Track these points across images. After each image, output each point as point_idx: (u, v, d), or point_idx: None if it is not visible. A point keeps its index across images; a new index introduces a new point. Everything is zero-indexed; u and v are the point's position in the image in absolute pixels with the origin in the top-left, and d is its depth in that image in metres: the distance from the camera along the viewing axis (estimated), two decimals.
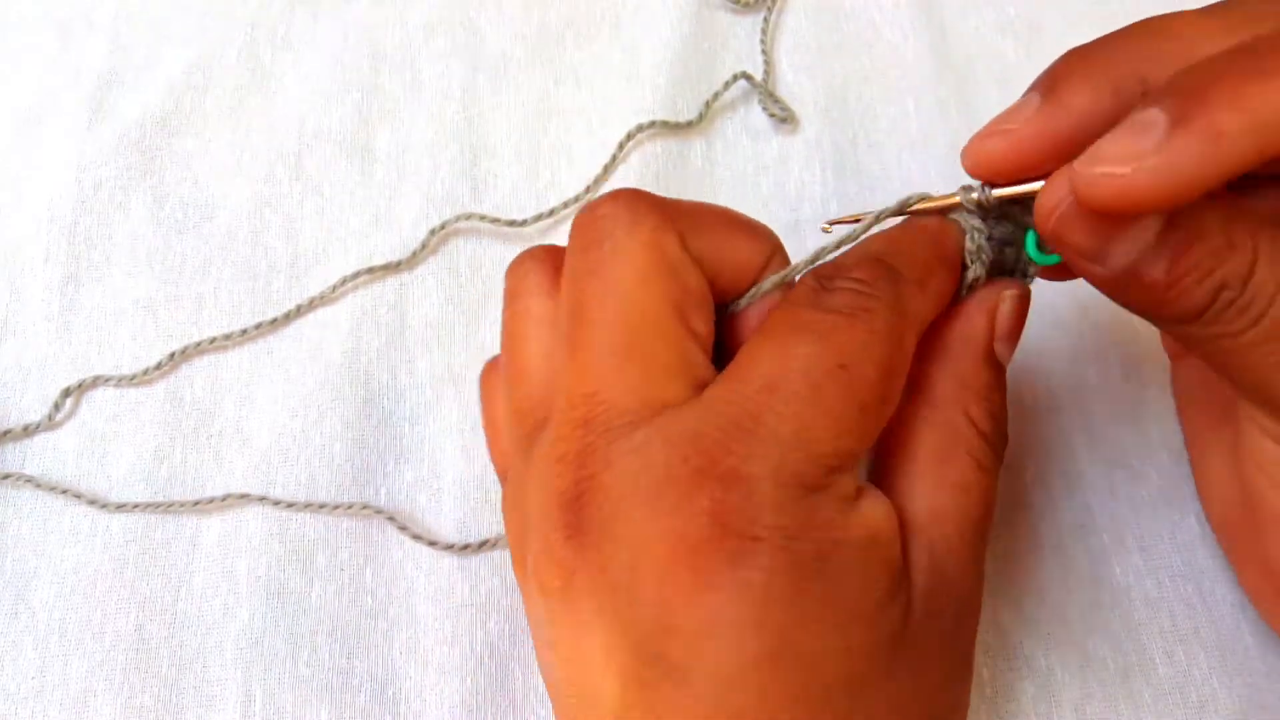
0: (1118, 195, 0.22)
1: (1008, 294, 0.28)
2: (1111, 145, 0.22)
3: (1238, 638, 0.32)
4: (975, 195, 0.27)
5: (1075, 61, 0.26)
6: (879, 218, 0.28)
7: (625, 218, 0.26)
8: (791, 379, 0.24)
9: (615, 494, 0.24)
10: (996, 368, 0.28)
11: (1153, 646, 0.33)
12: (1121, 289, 0.25)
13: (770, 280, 0.28)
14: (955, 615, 0.26)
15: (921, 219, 0.28)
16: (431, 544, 0.34)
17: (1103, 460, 0.35)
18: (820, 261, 0.28)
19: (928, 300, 0.27)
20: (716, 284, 0.27)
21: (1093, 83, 0.25)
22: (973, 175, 0.27)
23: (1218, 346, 0.24)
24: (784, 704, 0.23)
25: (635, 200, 0.26)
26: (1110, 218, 0.23)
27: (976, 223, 0.27)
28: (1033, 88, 0.26)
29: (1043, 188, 0.25)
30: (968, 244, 0.27)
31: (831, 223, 0.29)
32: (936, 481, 0.27)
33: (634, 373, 0.25)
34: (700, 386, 0.25)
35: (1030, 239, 0.27)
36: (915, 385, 0.27)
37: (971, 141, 0.26)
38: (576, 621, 0.24)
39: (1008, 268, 0.28)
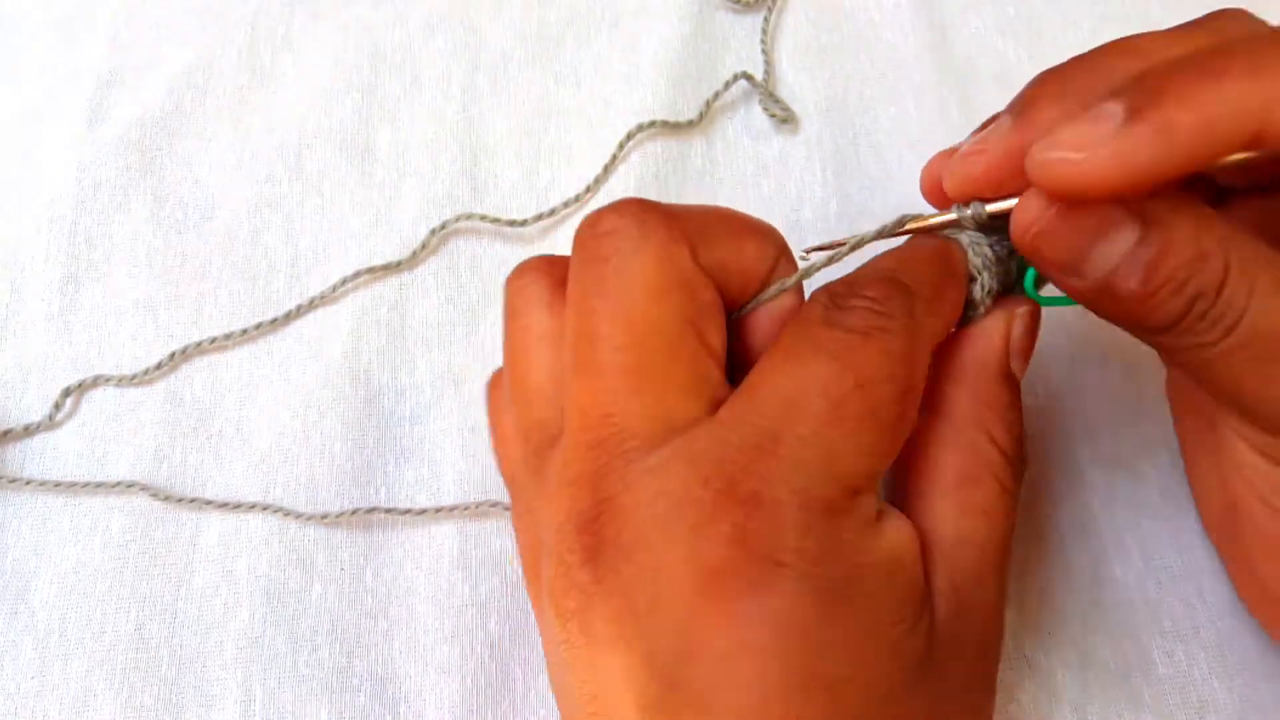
0: (1069, 180, 0.23)
1: (1019, 311, 0.28)
2: (1068, 132, 0.23)
3: (1238, 638, 0.32)
4: (970, 212, 0.27)
5: (1046, 83, 0.27)
6: (879, 235, 0.28)
7: (633, 231, 0.25)
8: (811, 399, 0.24)
9: (634, 517, 0.24)
10: (1014, 386, 0.28)
11: (1153, 646, 0.33)
12: (1099, 300, 0.25)
13: (774, 288, 0.27)
14: (978, 643, 0.26)
15: (923, 237, 0.28)
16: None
17: (1103, 460, 0.35)
18: (820, 261, 0.28)
19: (940, 317, 0.27)
20: (726, 291, 0.27)
21: (1062, 100, 0.26)
22: (953, 197, 0.27)
23: (1193, 356, 0.25)
24: None
25: (642, 212, 0.26)
26: (1083, 231, 0.24)
27: (977, 235, 0.28)
28: (1006, 110, 0.27)
29: (1016, 205, 0.25)
30: (971, 257, 0.28)
31: (809, 250, 0.29)
32: (960, 505, 0.26)
33: (649, 393, 0.25)
34: (716, 404, 0.25)
35: (1030, 277, 0.28)
36: (935, 406, 0.27)
37: (949, 164, 0.27)
38: (594, 645, 0.24)
39: (1010, 282, 0.29)
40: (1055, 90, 0.26)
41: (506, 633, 0.33)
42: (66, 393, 0.37)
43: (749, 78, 0.42)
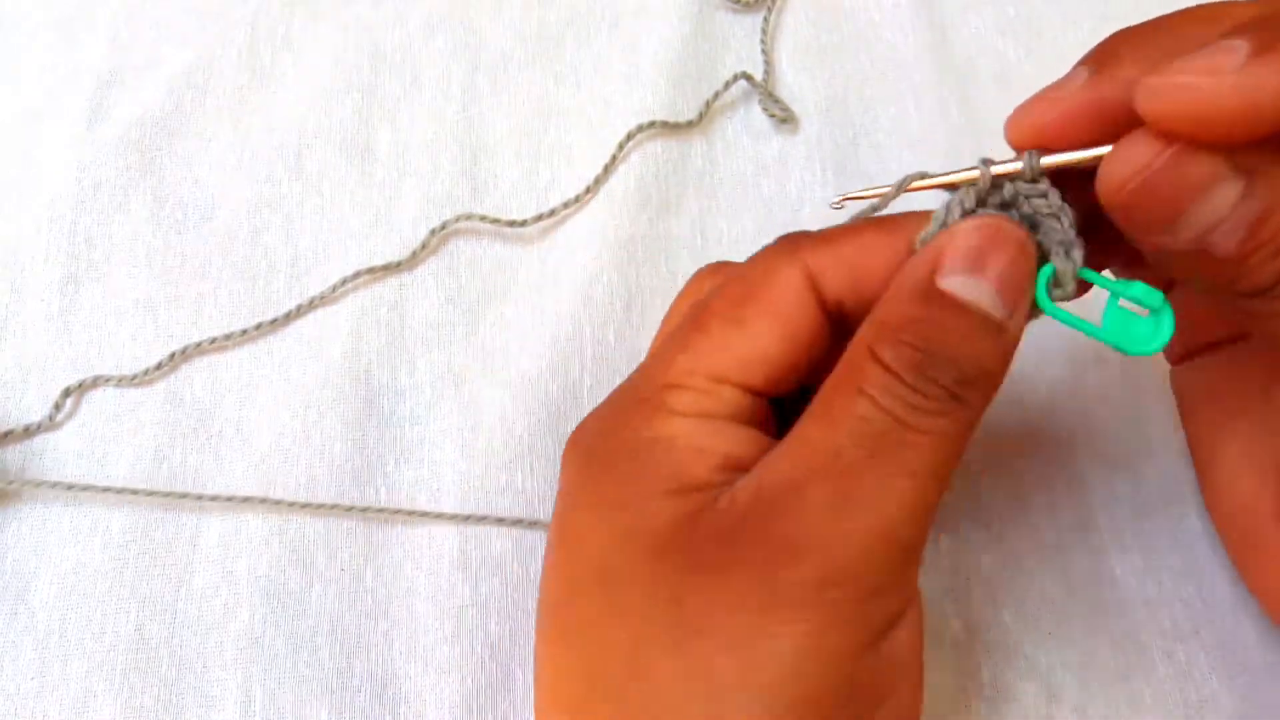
0: (1189, 109, 0.22)
1: (960, 224, 0.25)
2: (1191, 60, 0.22)
3: (1238, 637, 0.32)
4: (1025, 163, 0.25)
5: (1125, 40, 0.25)
6: (898, 190, 0.28)
7: (694, 274, 0.32)
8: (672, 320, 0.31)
9: None
10: (936, 303, 0.25)
11: (1153, 646, 0.33)
12: (1189, 261, 0.24)
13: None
14: (787, 552, 0.24)
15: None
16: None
17: (1103, 461, 0.35)
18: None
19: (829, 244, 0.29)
20: None
21: (1144, 58, 0.24)
22: (1016, 144, 0.26)
23: None
24: (556, 581, 0.28)
25: (708, 263, 0.32)
26: (1186, 183, 0.22)
27: (968, 195, 0.26)
28: (1081, 62, 0.25)
29: (1110, 156, 0.23)
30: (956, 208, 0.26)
31: (844, 199, 0.29)
32: (812, 412, 0.25)
33: (658, 359, 0.30)
34: None
35: (1043, 280, 0.26)
36: None
37: (1017, 109, 0.26)
38: None
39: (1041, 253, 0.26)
40: (1136, 46, 0.25)
41: (506, 633, 0.33)
42: (66, 393, 0.37)
43: (749, 78, 0.42)
